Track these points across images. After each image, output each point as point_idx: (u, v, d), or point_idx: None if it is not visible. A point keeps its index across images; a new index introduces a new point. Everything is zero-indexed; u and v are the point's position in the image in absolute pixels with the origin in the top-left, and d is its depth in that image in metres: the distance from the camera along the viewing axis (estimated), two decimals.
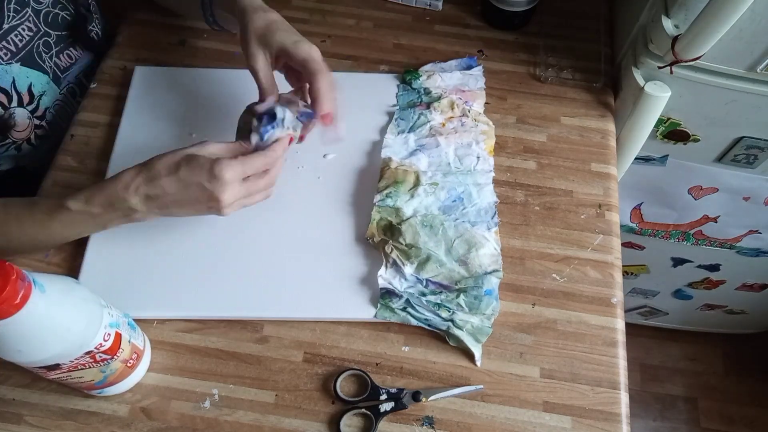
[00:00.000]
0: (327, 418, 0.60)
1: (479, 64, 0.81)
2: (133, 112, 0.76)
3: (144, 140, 0.74)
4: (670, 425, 1.45)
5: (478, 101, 0.78)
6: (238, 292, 0.65)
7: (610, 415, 0.60)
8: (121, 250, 0.66)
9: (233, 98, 0.76)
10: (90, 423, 0.59)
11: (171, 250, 0.67)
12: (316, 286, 0.65)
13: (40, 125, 0.75)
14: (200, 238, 0.67)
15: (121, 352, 0.55)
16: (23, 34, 0.69)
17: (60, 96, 0.77)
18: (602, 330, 0.65)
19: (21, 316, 0.44)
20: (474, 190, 0.70)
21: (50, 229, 0.60)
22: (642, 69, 0.73)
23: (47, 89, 0.73)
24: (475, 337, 0.62)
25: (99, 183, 0.59)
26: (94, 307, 0.52)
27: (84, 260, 0.66)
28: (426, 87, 0.78)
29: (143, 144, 0.74)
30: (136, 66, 0.80)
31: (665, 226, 1.03)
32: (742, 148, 0.80)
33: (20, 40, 0.69)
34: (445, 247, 0.65)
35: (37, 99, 0.72)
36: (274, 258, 0.67)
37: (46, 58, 0.73)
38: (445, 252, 0.65)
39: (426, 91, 0.78)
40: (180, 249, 0.67)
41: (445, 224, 0.66)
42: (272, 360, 0.62)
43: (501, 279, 0.65)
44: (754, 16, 0.60)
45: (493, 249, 0.66)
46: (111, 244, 0.66)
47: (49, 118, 0.76)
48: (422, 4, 0.88)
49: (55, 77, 0.75)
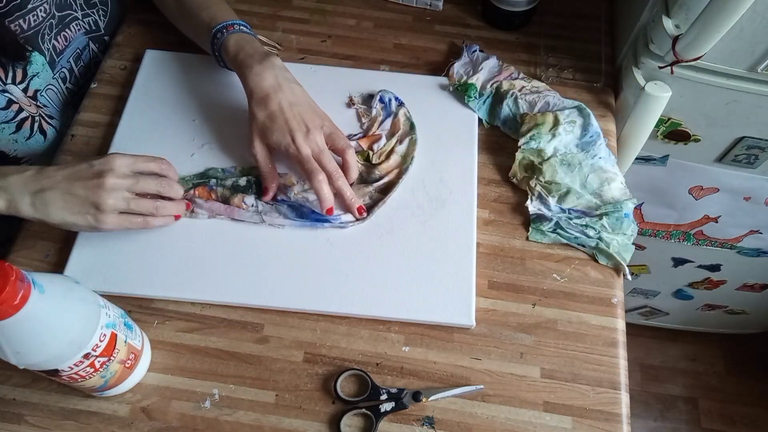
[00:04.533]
0: (327, 418, 0.60)
1: (471, 46, 0.82)
2: (140, 96, 0.77)
3: (149, 122, 0.75)
4: (670, 425, 1.45)
5: (516, 72, 0.80)
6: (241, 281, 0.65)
7: (611, 415, 0.60)
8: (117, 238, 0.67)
9: (239, 87, 0.77)
10: (90, 423, 0.59)
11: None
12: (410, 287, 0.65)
13: (40, 105, 0.75)
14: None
15: (117, 353, 0.54)
16: (39, 15, 0.69)
17: (53, 80, 0.76)
18: (603, 330, 0.65)
19: (20, 316, 0.44)
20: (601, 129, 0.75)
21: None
22: (643, 69, 0.73)
23: (41, 71, 0.73)
24: (621, 254, 0.67)
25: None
26: (93, 308, 0.52)
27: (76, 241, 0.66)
28: (490, 91, 0.78)
29: (148, 127, 0.74)
30: (147, 50, 0.80)
31: (666, 226, 1.03)
32: (743, 148, 0.80)
33: (35, 20, 0.69)
34: (580, 182, 0.71)
35: (29, 79, 0.71)
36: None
37: (46, 40, 0.72)
38: (581, 186, 0.71)
39: (497, 92, 0.78)
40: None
41: (583, 163, 0.71)
42: (273, 360, 0.62)
43: (635, 204, 0.70)
44: (754, 15, 0.60)
45: (621, 183, 0.71)
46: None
47: (44, 102, 0.75)
48: (422, 4, 0.88)
49: (51, 60, 0.74)
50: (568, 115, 0.74)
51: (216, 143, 0.74)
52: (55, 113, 0.77)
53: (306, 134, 0.65)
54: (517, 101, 0.76)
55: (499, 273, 0.67)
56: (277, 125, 0.65)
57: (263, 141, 0.67)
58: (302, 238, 0.68)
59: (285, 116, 0.65)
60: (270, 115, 0.66)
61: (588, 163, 0.72)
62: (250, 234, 0.68)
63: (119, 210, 0.61)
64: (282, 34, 0.85)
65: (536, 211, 0.70)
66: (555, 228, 0.69)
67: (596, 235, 0.68)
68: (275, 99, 0.66)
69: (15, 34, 0.67)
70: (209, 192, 0.69)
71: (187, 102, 0.77)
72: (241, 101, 0.77)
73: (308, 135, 0.65)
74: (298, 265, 0.66)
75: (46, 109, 0.75)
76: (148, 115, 0.76)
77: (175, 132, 0.75)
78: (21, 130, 0.72)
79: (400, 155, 0.73)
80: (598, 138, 0.73)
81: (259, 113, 0.66)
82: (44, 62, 0.73)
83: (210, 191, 0.69)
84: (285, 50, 0.83)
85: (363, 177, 0.72)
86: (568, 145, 0.73)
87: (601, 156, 0.72)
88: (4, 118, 0.69)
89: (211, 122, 0.75)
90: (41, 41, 0.71)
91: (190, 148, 0.73)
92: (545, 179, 0.70)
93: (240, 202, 0.68)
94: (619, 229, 0.68)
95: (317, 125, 0.67)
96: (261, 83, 0.66)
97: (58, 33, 0.75)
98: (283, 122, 0.65)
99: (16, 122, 0.71)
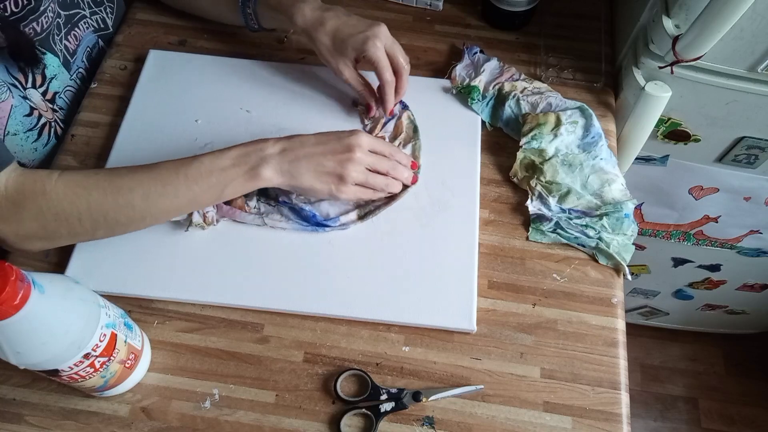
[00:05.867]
0: (327, 418, 0.60)
1: (472, 47, 0.82)
2: (143, 96, 0.77)
3: (152, 122, 0.75)
4: (670, 425, 1.45)
5: (517, 73, 0.79)
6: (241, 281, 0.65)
7: (611, 415, 0.60)
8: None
9: (243, 87, 0.78)
10: (90, 423, 0.59)
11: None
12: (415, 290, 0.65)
13: (56, 109, 0.75)
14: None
15: (117, 353, 0.54)
16: (49, 16, 0.69)
17: (70, 81, 0.77)
18: (603, 330, 0.65)
19: (20, 316, 0.44)
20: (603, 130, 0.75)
21: (172, 186, 0.60)
22: (642, 69, 0.73)
23: (58, 73, 0.73)
24: (620, 255, 0.67)
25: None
26: (93, 308, 0.52)
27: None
28: (492, 92, 0.78)
29: (150, 127, 0.74)
30: (151, 50, 0.81)
31: (666, 226, 1.03)
32: (743, 148, 0.80)
33: (46, 22, 0.69)
34: (581, 183, 0.71)
35: (47, 82, 0.72)
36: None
37: (57, 41, 0.72)
38: (581, 186, 0.71)
39: (499, 94, 0.78)
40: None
41: (584, 163, 0.71)
42: (273, 360, 0.62)
43: (635, 204, 0.70)
44: (754, 15, 0.60)
45: (621, 184, 0.71)
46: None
47: (61, 104, 0.76)
48: (422, 4, 0.88)
49: (65, 61, 0.74)
50: (570, 115, 0.74)
51: (218, 143, 0.74)
52: (71, 116, 0.77)
53: (376, 28, 0.69)
54: (519, 102, 0.76)
55: (499, 273, 0.67)
56: (348, 29, 0.68)
57: (344, 57, 0.70)
58: (304, 240, 0.68)
59: (350, 22, 0.69)
60: (333, 31, 0.69)
61: (589, 163, 0.72)
62: (252, 235, 0.68)
63: (357, 182, 0.65)
64: (282, 34, 0.85)
65: (536, 210, 0.70)
66: (555, 228, 0.69)
67: (596, 236, 0.68)
68: (330, 15, 0.69)
69: (31, 38, 0.67)
70: None
71: (189, 102, 0.77)
72: (242, 102, 0.77)
73: (379, 28, 0.69)
74: (300, 267, 0.66)
75: (61, 113, 0.76)
76: (150, 115, 0.76)
77: (177, 132, 0.75)
78: (40, 138, 0.72)
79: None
80: (600, 139, 0.73)
81: (323, 38, 0.69)
82: (59, 64, 0.73)
83: None
84: (285, 50, 0.83)
85: None
86: (570, 145, 0.73)
87: (602, 157, 0.72)
88: (29, 125, 0.70)
89: (213, 122, 0.75)
90: (53, 42, 0.72)
91: (192, 148, 0.73)
92: (546, 179, 0.71)
93: (242, 204, 0.68)
94: (619, 230, 0.68)
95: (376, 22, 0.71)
96: (312, 12, 0.69)
97: (68, 33, 0.75)
98: (352, 26, 0.69)
99: (37, 129, 0.71)
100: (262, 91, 0.78)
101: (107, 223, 0.60)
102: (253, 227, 0.68)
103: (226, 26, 0.84)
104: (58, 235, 0.61)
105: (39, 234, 0.59)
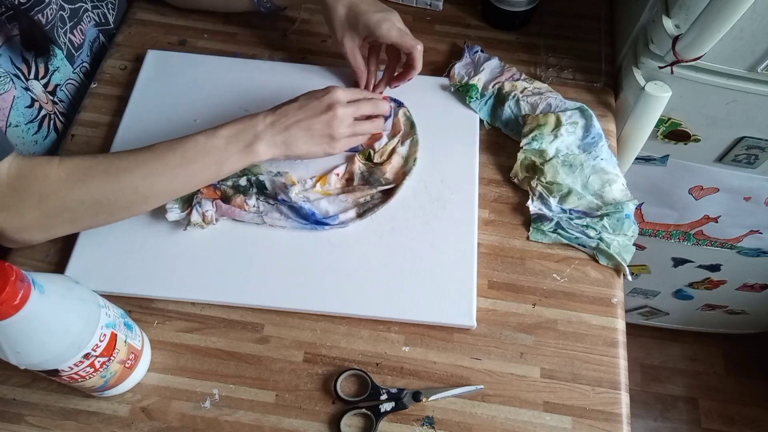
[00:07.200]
0: (327, 418, 0.60)
1: (472, 46, 0.82)
2: (141, 95, 0.77)
3: (151, 122, 0.75)
4: (670, 425, 1.45)
5: (517, 73, 0.80)
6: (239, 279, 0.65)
7: (611, 415, 0.60)
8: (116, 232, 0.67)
9: (242, 87, 0.78)
10: (90, 423, 0.59)
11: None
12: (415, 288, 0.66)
13: (57, 102, 0.75)
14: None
15: (117, 353, 0.54)
16: (53, 8, 0.69)
17: (73, 75, 0.77)
18: (603, 330, 0.65)
19: (20, 316, 0.44)
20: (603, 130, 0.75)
21: (170, 165, 0.61)
22: (642, 69, 0.73)
23: (60, 65, 0.73)
24: (621, 255, 0.67)
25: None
26: (93, 308, 0.52)
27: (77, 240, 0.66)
28: (491, 92, 0.78)
29: (148, 127, 0.74)
30: (149, 50, 0.81)
31: (666, 226, 1.03)
32: (743, 148, 0.80)
33: (51, 14, 0.69)
34: (582, 183, 0.71)
35: (50, 74, 0.72)
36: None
37: (61, 34, 0.72)
38: (582, 187, 0.71)
39: (497, 94, 0.78)
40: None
41: (584, 164, 0.72)
42: (272, 360, 0.62)
43: (636, 205, 0.70)
44: (754, 15, 0.60)
45: (622, 185, 0.71)
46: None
47: (62, 97, 0.75)
48: (422, 4, 0.88)
49: (69, 54, 0.74)
50: (570, 116, 0.74)
51: None
52: (71, 109, 0.77)
53: (392, 13, 0.71)
54: (519, 103, 0.76)
55: (499, 273, 0.67)
56: (365, 6, 0.70)
57: (353, 32, 0.71)
58: (303, 238, 0.68)
59: (368, 0, 0.71)
60: (353, 2, 0.70)
61: (589, 164, 0.72)
62: (251, 234, 0.68)
63: (348, 135, 0.67)
64: (282, 34, 0.85)
65: (537, 211, 0.70)
66: (555, 228, 0.69)
67: (597, 236, 0.68)
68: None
69: (43, 27, 0.67)
70: (214, 190, 0.69)
71: (188, 102, 0.77)
72: (241, 102, 0.77)
73: (394, 14, 0.71)
74: (299, 265, 0.66)
75: (61, 105, 0.75)
76: (149, 114, 0.76)
77: (176, 132, 0.73)
78: (41, 130, 0.72)
79: (402, 156, 0.73)
80: (600, 139, 0.73)
81: (339, 7, 0.70)
82: (62, 56, 0.73)
83: (215, 190, 0.69)
84: (285, 50, 0.83)
85: (365, 177, 0.72)
86: (570, 146, 0.73)
87: (602, 157, 0.72)
88: (30, 117, 0.69)
89: (212, 122, 0.75)
90: (56, 35, 0.72)
91: None
92: (546, 180, 0.71)
93: (242, 203, 0.68)
94: (619, 230, 0.68)
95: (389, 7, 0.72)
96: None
97: (74, 27, 0.75)
98: (370, 3, 0.70)
99: (37, 121, 0.71)
100: (261, 91, 0.78)
101: (109, 206, 0.60)
102: (253, 226, 0.68)
103: (226, 26, 0.84)
104: (59, 222, 0.60)
105: (39, 223, 0.59)
